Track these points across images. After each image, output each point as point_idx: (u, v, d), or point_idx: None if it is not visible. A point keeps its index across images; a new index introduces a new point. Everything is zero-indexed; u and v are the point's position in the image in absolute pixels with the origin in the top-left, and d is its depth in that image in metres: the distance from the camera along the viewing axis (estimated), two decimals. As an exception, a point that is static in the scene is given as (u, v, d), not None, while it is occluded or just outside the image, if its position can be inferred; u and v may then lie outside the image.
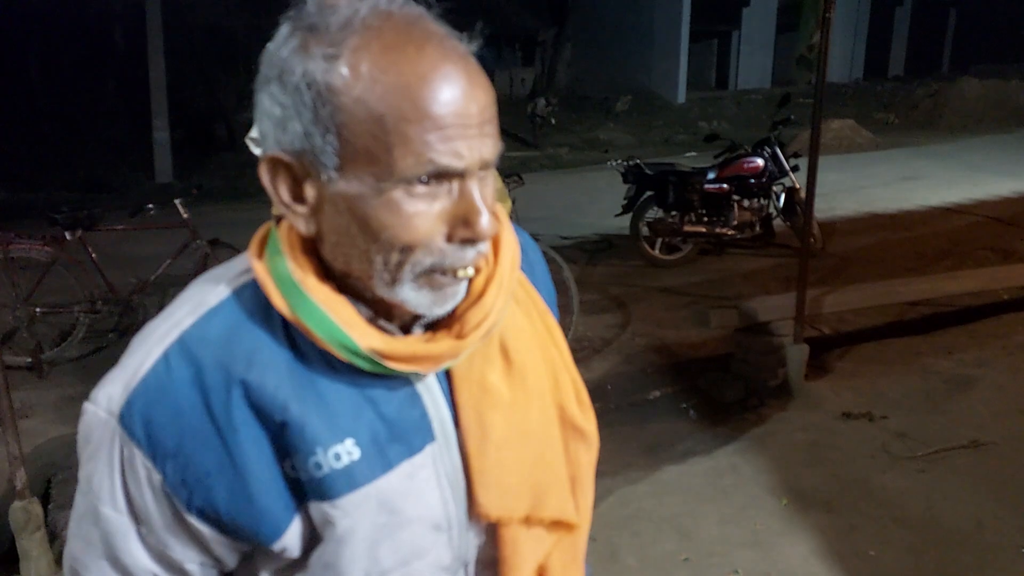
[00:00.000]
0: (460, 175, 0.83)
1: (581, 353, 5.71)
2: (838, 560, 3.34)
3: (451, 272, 0.87)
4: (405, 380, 0.93)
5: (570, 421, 1.06)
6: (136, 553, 0.92)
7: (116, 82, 16.34)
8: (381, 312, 0.92)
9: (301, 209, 0.87)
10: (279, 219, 0.95)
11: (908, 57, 28.70)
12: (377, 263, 0.85)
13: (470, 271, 0.88)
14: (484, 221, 0.84)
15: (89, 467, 0.91)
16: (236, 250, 6.29)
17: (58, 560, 3.49)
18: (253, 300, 0.91)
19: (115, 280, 5.96)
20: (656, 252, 8.17)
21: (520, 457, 0.99)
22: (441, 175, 0.82)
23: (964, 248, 8.10)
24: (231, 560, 0.95)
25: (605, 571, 3.35)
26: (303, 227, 0.87)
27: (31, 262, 5.70)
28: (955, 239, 8.54)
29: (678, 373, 5.39)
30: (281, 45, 0.83)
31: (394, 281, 0.86)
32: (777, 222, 8.18)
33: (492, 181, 0.89)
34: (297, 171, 0.85)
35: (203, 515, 0.88)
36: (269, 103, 0.84)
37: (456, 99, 0.80)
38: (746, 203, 8.09)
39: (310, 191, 0.85)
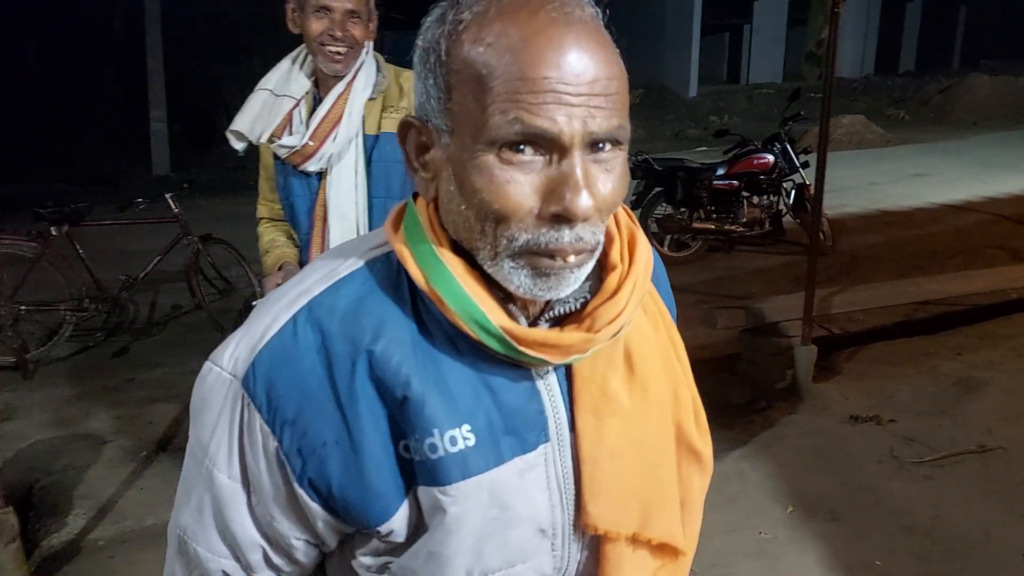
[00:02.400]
0: (562, 148, 0.79)
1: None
2: (844, 570, 3.29)
3: (548, 255, 0.83)
4: (527, 373, 0.91)
5: (687, 441, 1.02)
6: (246, 523, 0.92)
7: (114, 72, 16.25)
8: (511, 298, 0.90)
9: (424, 173, 0.89)
10: (417, 195, 0.95)
11: (919, 52, 28.50)
12: (476, 231, 0.84)
13: (572, 258, 0.83)
14: (578, 198, 0.80)
15: (206, 431, 0.91)
16: (230, 246, 6.23)
17: (35, 573, 3.40)
18: (384, 273, 0.92)
19: (103, 277, 5.90)
20: (664, 249, 8.10)
21: (634, 469, 0.95)
22: (538, 142, 0.79)
23: (974, 246, 8.02)
24: (332, 541, 0.95)
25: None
26: (424, 191, 0.90)
27: (16, 258, 5.62)
28: (965, 237, 8.46)
29: (684, 374, 5.30)
30: (430, 17, 0.86)
31: (495, 255, 0.84)
32: (787, 219, 8.11)
33: (617, 169, 0.85)
34: (424, 134, 0.87)
35: (314, 488, 0.88)
36: (418, 80, 0.87)
37: (560, 63, 0.78)
38: (756, 200, 8.03)
39: (431, 155, 0.87)
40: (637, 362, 0.96)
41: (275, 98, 2.53)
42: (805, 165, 7.94)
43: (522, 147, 0.79)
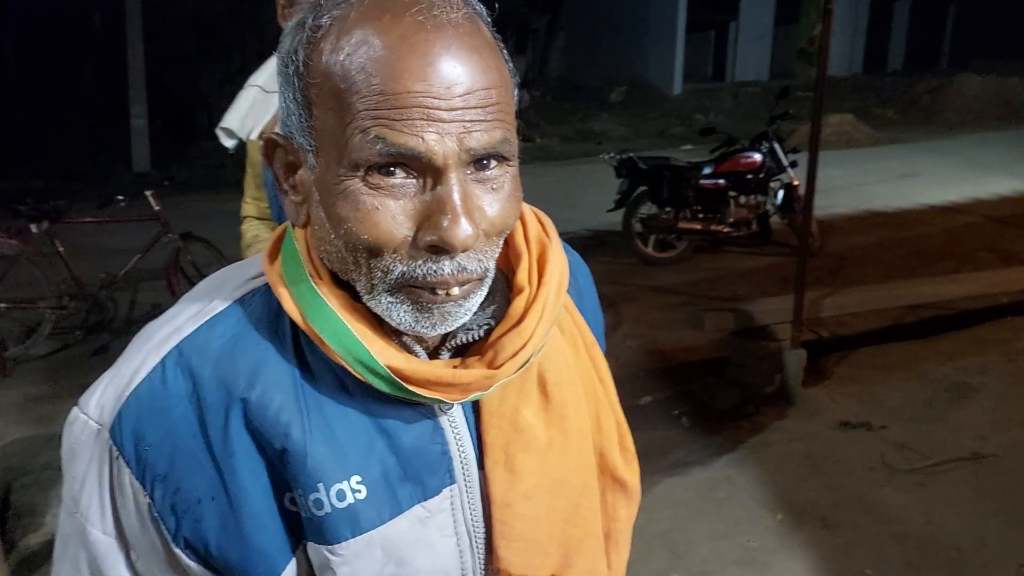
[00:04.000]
0: (436, 170, 0.71)
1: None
2: (835, 580, 3.23)
3: (428, 288, 0.75)
4: (427, 411, 0.83)
5: (611, 470, 0.95)
6: None
7: (93, 68, 16.15)
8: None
9: (294, 196, 0.80)
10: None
11: (907, 51, 28.65)
12: (348, 262, 0.76)
13: (455, 290, 0.75)
14: (456, 227, 0.71)
15: (76, 484, 0.82)
16: (210, 244, 6.20)
17: (13, 573, 3.37)
18: (262, 308, 0.83)
19: (83, 274, 5.86)
20: (649, 249, 8.03)
21: (552, 509, 0.88)
22: (408, 163, 0.71)
23: (964, 248, 8.00)
24: None
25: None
26: (293, 216, 0.80)
27: None
28: (955, 239, 8.44)
29: (670, 378, 5.26)
30: (290, 22, 0.78)
31: (371, 288, 0.76)
32: (775, 220, 8.05)
33: (506, 187, 0.75)
34: (291, 153, 0.78)
35: (191, 548, 0.79)
36: (278, 85, 0.79)
37: (427, 74, 0.69)
38: (743, 200, 7.96)
39: (300, 176, 0.79)
40: (553, 390, 0.89)
41: (265, 94, 2.52)
42: (794, 164, 7.88)
43: (392, 169, 0.71)
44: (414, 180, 0.72)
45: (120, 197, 6.13)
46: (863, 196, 10.80)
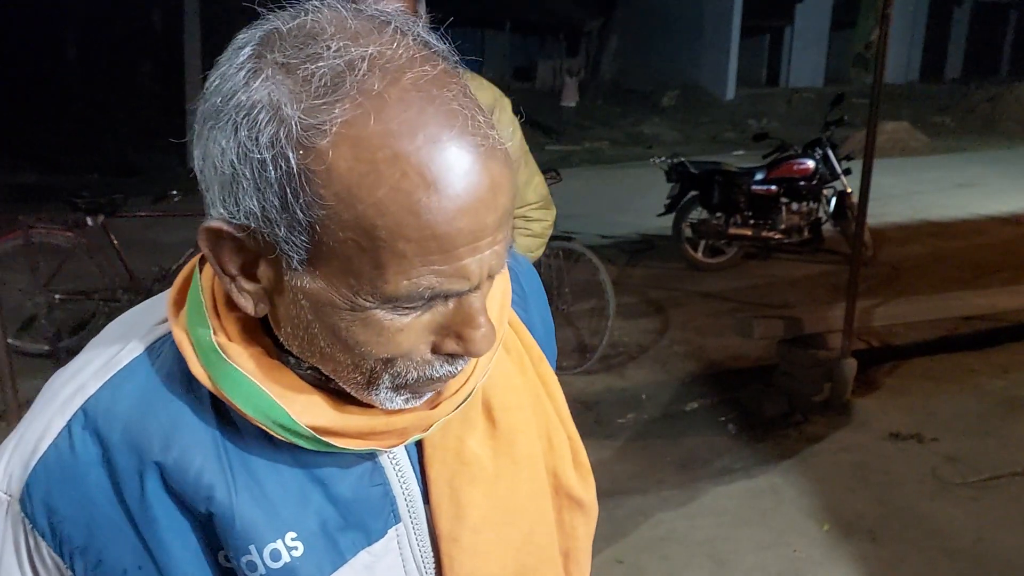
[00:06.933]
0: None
1: (616, 359, 5.56)
2: (882, 595, 3.18)
3: (438, 383, 0.73)
4: (364, 453, 0.77)
5: (565, 490, 0.91)
6: None
7: (151, 64, 16.45)
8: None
9: (250, 286, 0.69)
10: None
11: (966, 59, 28.13)
12: (345, 367, 0.70)
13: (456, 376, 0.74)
14: (480, 336, 0.68)
15: None
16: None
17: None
18: (172, 360, 0.75)
19: (137, 268, 5.91)
20: (699, 255, 7.98)
21: (503, 540, 0.83)
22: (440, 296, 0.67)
23: (1021, 260, 7.83)
24: None
25: (633, 596, 3.22)
26: (250, 307, 0.70)
27: (52, 248, 5.63)
28: (1011, 251, 8.28)
29: (717, 384, 5.22)
30: (240, 80, 0.63)
31: (369, 385, 0.71)
32: (827, 227, 7.95)
33: (497, 279, 0.73)
34: (248, 245, 0.66)
35: None
36: (216, 149, 0.64)
37: (474, 210, 0.62)
38: (795, 206, 7.87)
39: (265, 271, 0.68)
40: (500, 415, 0.85)
41: None
42: (847, 172, 7.77)
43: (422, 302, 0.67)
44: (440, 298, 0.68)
45: (174, 192, 6.18)
46: (918, 205, 10.63)
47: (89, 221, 5.67)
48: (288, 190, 0.61)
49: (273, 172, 0.61)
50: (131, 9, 16.15)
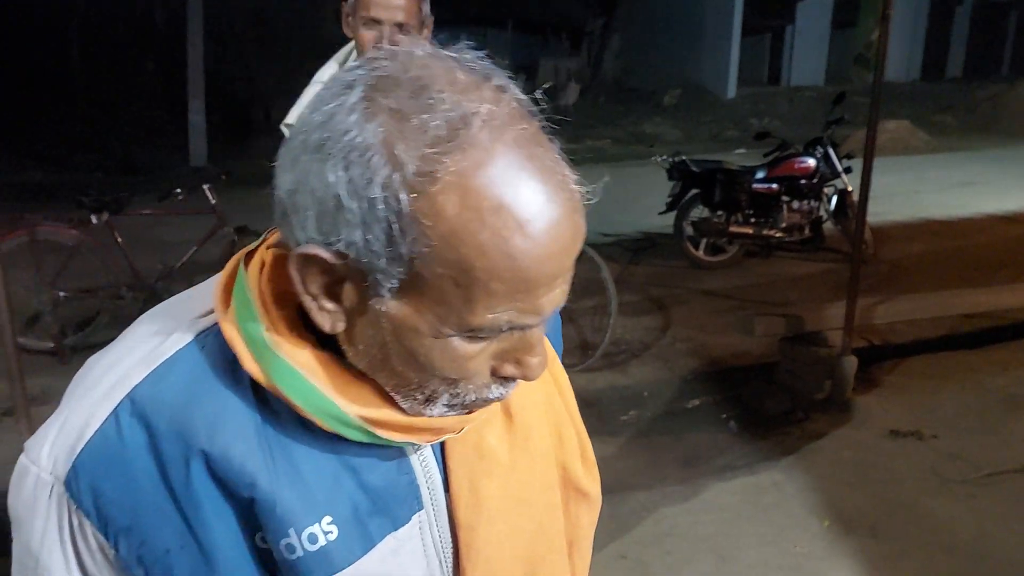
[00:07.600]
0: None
1: (618, 357, 5.57)
2: (883, 590, 3.20)
3: (488, 402, 0.80)
4: (395, 447, 0.83)
5: (573, 482, 0.98)
6: None
7: (154, 63, 16.46)
8: None
9: (331, 306, 0.74)
10: (250, 254, 0.82)
11: (967, 58, 28.07)
12: (410, 384, 0.76)
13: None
14: (537, 363, 0.76)
15: (34, 538, 0.79)
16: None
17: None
18: (217, 351, 0.78)
19: (141, 266, 5.91)
20: (700, 253, 7.98)
21: (516, 529, 0.90)
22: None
23: (1021, 259, 7.83)
24: None
25: (636, 591, 3.24)
26: (327, 325, 0.75)
27: (57, 245, 5.63)
28: (1012, 249, 8.28)
29: (719, 382, 5.23)
30: (353, 122, 0.67)
31: (427, 402, 0.77)
32: (828, 225, 7.96)
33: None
34: (338, 270, 0.71)
35: None
36: (317, 181, 0.68)
37: (559, 256, 0.70)
38: (796, 205, 7.86)
39: (350, 294, 0.73)
40: (518, 412, 0.91)
41: None
42: (848, 170, 7.77)
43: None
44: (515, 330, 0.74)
45: (178, 190, 6.18)
46: (919, 204, 10.62)
47: (94, 219, 5.68)
48: (395, 228, 0.66)
49: (383, 210, 0.66)
50: (135, 8, 16.15)
